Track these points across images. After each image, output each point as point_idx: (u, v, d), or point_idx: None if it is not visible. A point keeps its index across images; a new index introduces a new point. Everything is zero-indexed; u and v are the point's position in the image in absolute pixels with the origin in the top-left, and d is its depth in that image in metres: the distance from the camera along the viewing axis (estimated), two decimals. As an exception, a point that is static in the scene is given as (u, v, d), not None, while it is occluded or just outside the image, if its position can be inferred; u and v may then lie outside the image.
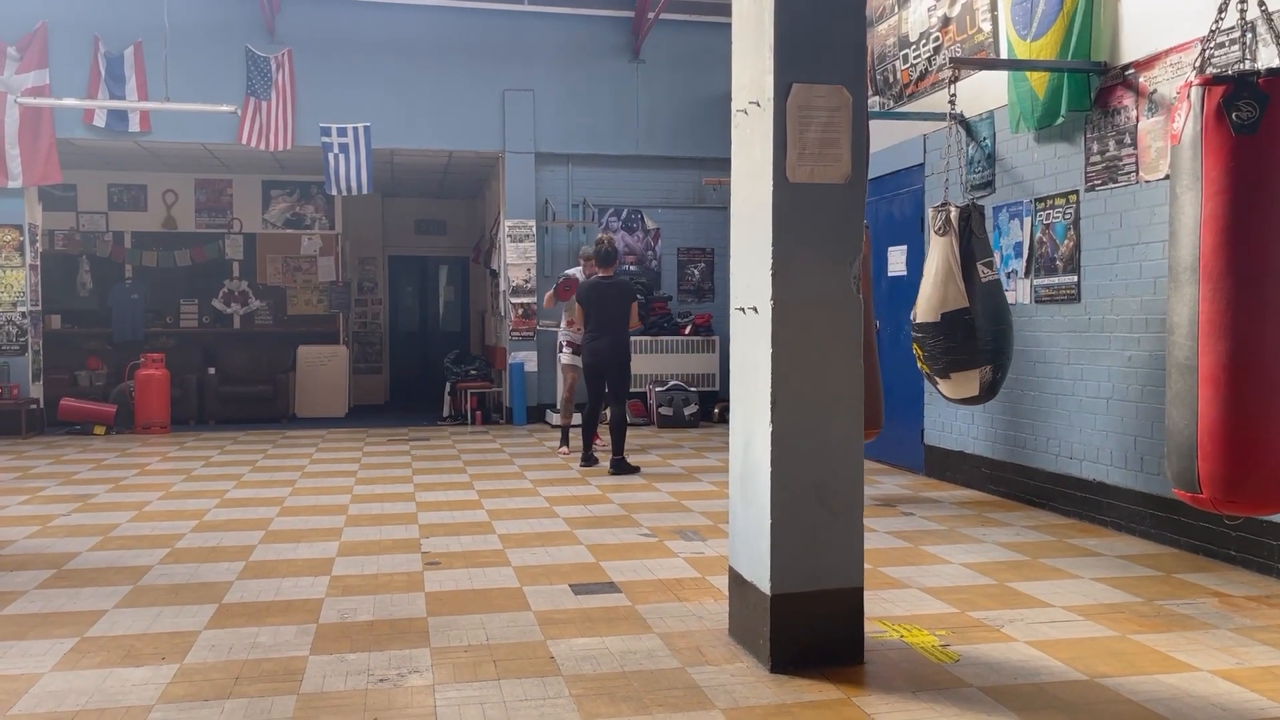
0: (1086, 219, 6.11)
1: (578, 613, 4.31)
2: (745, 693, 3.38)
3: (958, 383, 5.97)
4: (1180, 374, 3.90)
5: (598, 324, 8.19)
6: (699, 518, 6.35)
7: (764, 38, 3.59)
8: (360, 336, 15.49)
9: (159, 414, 11.16)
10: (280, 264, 13.81)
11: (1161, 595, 4.53)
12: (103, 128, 10.90)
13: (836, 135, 3.57)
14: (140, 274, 13.37)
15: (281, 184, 13.74)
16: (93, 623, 4.16)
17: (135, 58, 10.90)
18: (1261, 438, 3.76)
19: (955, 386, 6.06)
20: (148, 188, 13.39)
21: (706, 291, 12.59)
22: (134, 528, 6.08)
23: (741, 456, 3.85)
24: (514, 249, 11.95)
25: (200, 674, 3.56)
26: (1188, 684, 3.44)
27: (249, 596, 4.56)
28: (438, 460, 9.01)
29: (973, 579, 4.84)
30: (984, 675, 3.53)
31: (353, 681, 3.49)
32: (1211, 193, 3.79)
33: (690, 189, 12.46)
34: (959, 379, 5.96)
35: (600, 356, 8.18)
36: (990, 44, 6.97)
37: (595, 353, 8.21)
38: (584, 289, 8.34)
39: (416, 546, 5.56)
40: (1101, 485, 6.00)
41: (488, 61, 11.77)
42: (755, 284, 3.68)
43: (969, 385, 5.93)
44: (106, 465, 8.73)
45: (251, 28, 11.21)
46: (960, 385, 5.97)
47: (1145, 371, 5.65)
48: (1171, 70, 5.44)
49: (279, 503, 6.91)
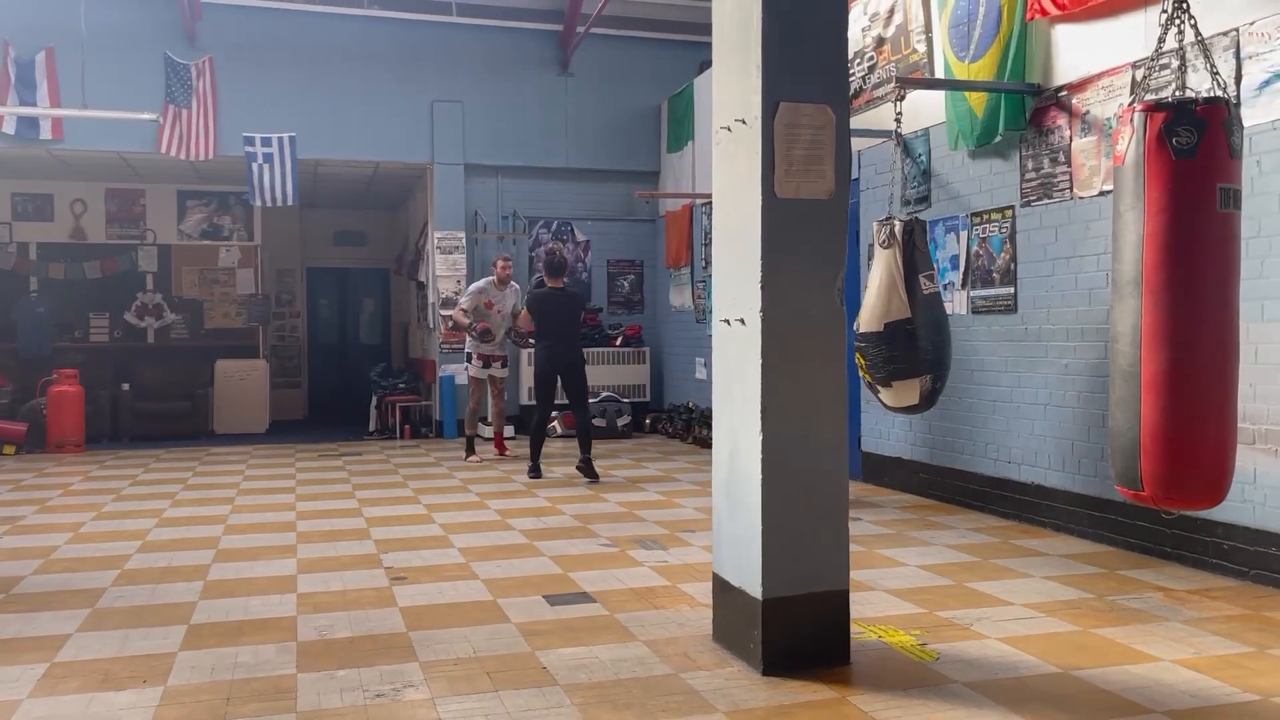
0: (1023, 233, 6.39)
1: (558, 623, 4.33)
2: (743, 695, 3.46)
3: (899, 391, 6.16)
4: (1124, 380, 4.12)
5: (553, 333, 8.37)
6: (654, 527, 6.42)
7: (750, 58, 3.70)
8: (278, 350, 15.14)
9: (73, 432, 10.74)
10: (196, 276, 13.43)
11: (1110, 591, 4.77)
12: (12, 134, 10.46)
13: (821, 152, 3.69)
14: (46, 286, 12.84)
15: (198, 194, 13.37)
16: (58, 647, 4.02)
17: (47, 63, 10.50)
18: (1199, 439, 3.99)
19: (896, 395, 6.25)
20: (54, 197, 12.87)
21: (636, 303, 12.69)
22: (75, 549, 5.87)
23: (727, 464, 3.93)
24: (443, 260, 11.86)
25: (189, 695, 3.48)
26: (1155, 673, 3.65)
27: (217, 616, 4.46)
28: (375, 475, 8.89)
29: (931, 580, 5.01)
30: (965, 671, 3.68)
31: (349, 698, 3.46)
32: (1153, 212, 4.02)
33: (619, 201, 12.55)
34: (900, 388, 6.15)
35: (560, 364, 8.38)
36: (925, 64, 7.24)
37: (553, 360, 8.39)
38: (537, 299, 8.51)
39: (377, 562, 5.50)
40: (1039, 487, 6.27)
41: (416, 72, 11.68)
42: (742, 296, 3.78)
43: (909, 394, 6.12)
44: (26, 486, 8.38)
45: (170, 34, 10.90)
46: (901, 394, 6.16)
47: (1082, 379, 5.93)
48: (1103, 93, 5.75)
49: (222, 520, 6.74)
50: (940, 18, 7.02)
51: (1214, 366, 3.99)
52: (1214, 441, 3.96)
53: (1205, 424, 3.96)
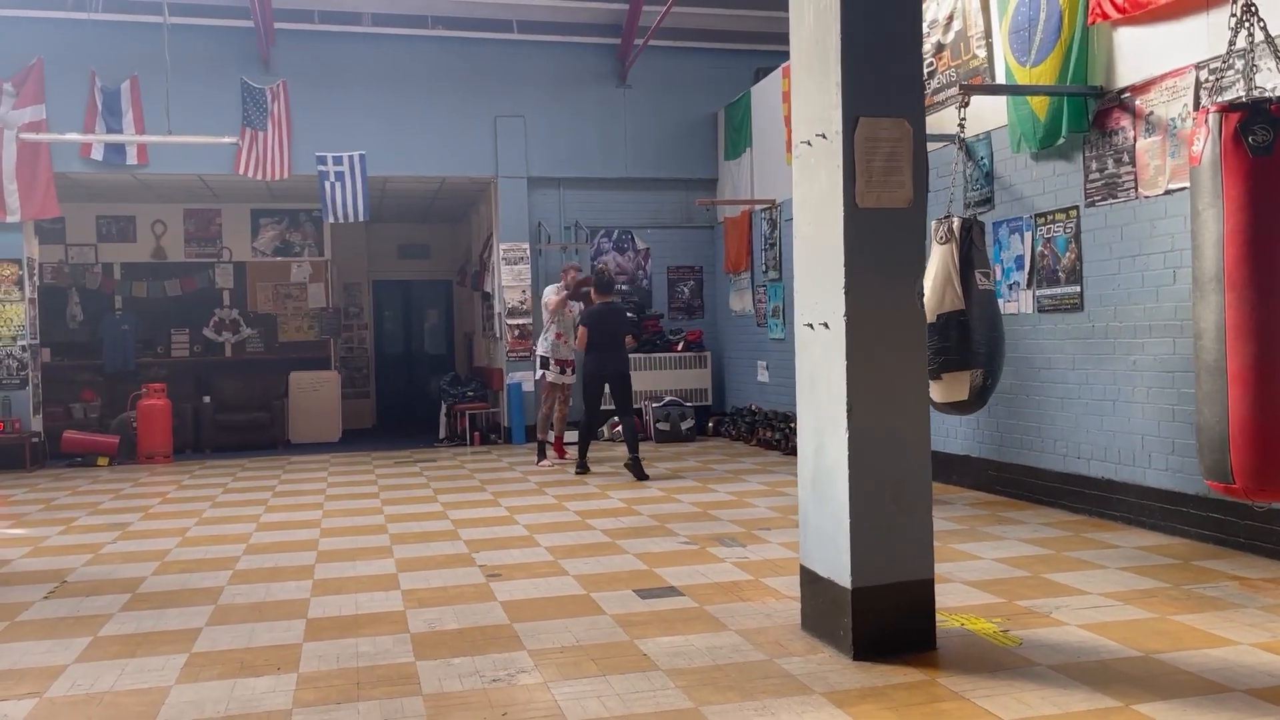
0: (1088, 232, 6.51)
1: (651, 614, 4.57)
2: (837, 678, 3.67)
3: (949, 385, 6.28)
4: (1209, 375, 4.24)
5: (605, 345, 9.03)
6: (730, 525, 6.63)
7: (830, 76, 3.91)
8: (347, 361, 15.59)
9: (162, 444, 11.21)
10: (270, 291, 13.91)
11: (1185, 580, 4.89)
12: (100, 160, 10.98)
13: (899, 164, 3.89)
14: (130, 304, 13.40)
15: (270, 212, 13.86)
16: (193, 640, 4.34)
17: (132, 91, 11.01)
18: (1288, 431, 4.11)
19: (946, 389, 6.35)
20: (136, 219, 13.45)
21: (696, 308, 12.91)
22: (186, 552, 6.23)
23: (813, 462, 4.14)
24: (509, 271, 12.19)
25: (322, 680, 3.77)
26: (1233, 656, 3.79)
27: (331, 611, 4.76)
28: (452, 480, 9.21)
29: (1008, 572, 5.17)
30: (1049, 655, 3.85)
31: (468, 683, 3.72)
32: (1233, 209, 4.14)
33: (677, 209, 12.80)
34: (950, 380, 6.27)
35: (609, 372, 9.05)
36: (985, 69, 7.39)
37: (604, 368, 9.05)
38: (593, 314, 9.10)
39: (471, 560, 5.78)
40: (1110, 482, 6.38)
41: (479, 89, 12.03)
42: (825, 301, 3.99)
43: (959, 388, 6.25)
44: (126, 495, 8.81)
45: (246, 60, 11.37)
46: (951, 387, 6.28)
47: (1150, 374, 6.04)
48: (1167, 94, 5.87)
49: (316, 525, 7.08)
50: (1000, 23, 7.17)
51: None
52: (1304, 433, 4.07)
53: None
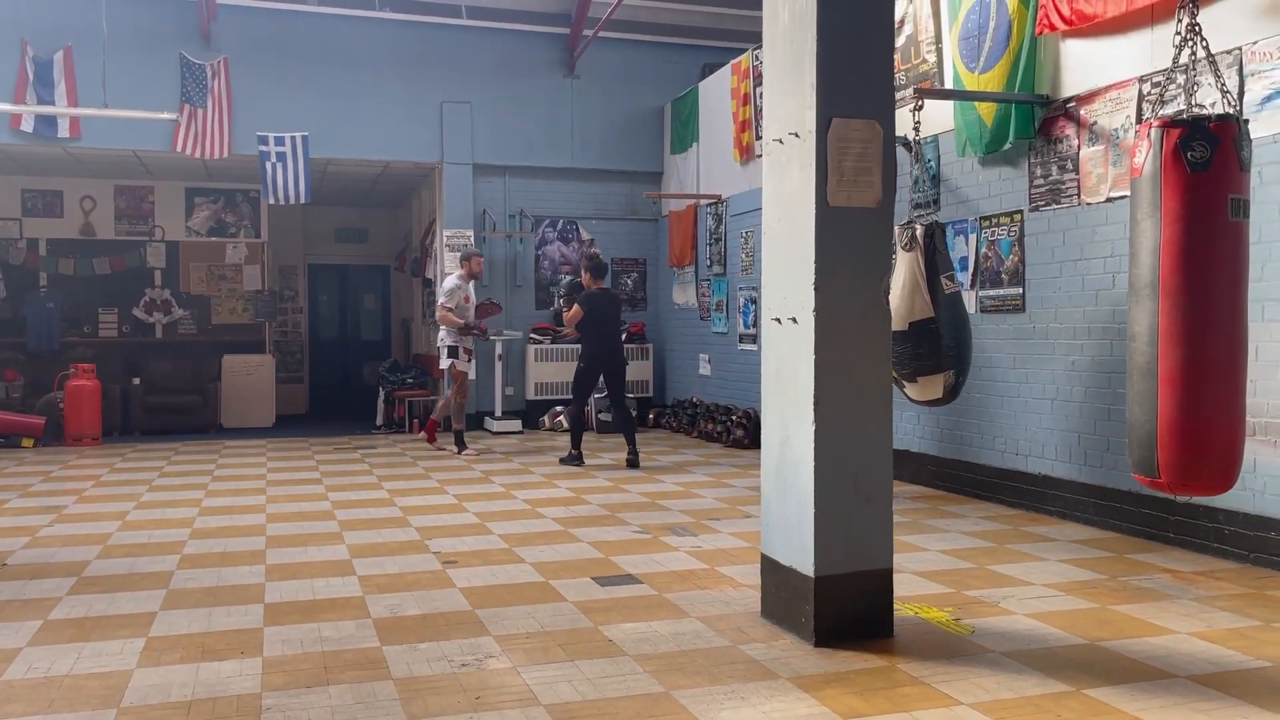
0: (1031, 236, 6.73)
1: (612, 602, 4.62)
2: (800, 664, 3.77)
3: (924, 386, 6.49)
4: (1141, 376, 4.45)
5: (605, 332, 9.05)
6: (680, 515, 6.72)
7: (804, 77, 4.00)
8: (280, 345, 15.31)
9: (90, 426, 10.92)
10: (204, 272, 13.60)
11: (1121, 572, 5.11)
12: (30, 133, 10.63)
13: (870, 164, 4.00)
14: (56, 282, 12.98)
15: (206, 191, 13.54)
16: (149, 624, 4.27)
17: (65, 62, 10.67)
18: (1212, 430, 4.33)
19: (921, 390, 6.56)
20: (64, 194, 13.02)
21: (640, 300, 12.97)
22: (128, 536, 6.10)
23: (777, 453, 4.23)
24: (452, 258, 12.09)
25: (288, 664, 3.75)
26: (1173, 644, 3.98)
27: (289, 596, 4.72)
28: (396, 467, 9.14)
29: (954, 563, 5.34)
30: (1000, 643, 4.00)
31: (437, 667, 3.74)
32: (1169, 220, 4.34)
33: (623, 201, 12.84)
34: (925, 383, 6.48)
35: (607, 362, 9.07)
36: (935, 74, 7.57)
37: (603, 357, 9.06)
38: (591, 298, 9.08)
39: (424, 547, 5.77)
40: (1046, 478, 6.62)
41: (426, 74, 11.91)
42: (794, 297, 4.08)
43: (934, 388, 6.45)
44: (56, 478, 8.57)
45: (186, 34, 11.09)
46: (926, 388, 6.49)
47: (1088, 374, 6.28)
48: (1111, 105, 6.09)
49: (261, 510, 6.98)
50: (950, 29, 7.35)
51: (1225, 364, 4.33)
52: (1225, 433, 4.30)
53: (1217, 416, 4.29)
